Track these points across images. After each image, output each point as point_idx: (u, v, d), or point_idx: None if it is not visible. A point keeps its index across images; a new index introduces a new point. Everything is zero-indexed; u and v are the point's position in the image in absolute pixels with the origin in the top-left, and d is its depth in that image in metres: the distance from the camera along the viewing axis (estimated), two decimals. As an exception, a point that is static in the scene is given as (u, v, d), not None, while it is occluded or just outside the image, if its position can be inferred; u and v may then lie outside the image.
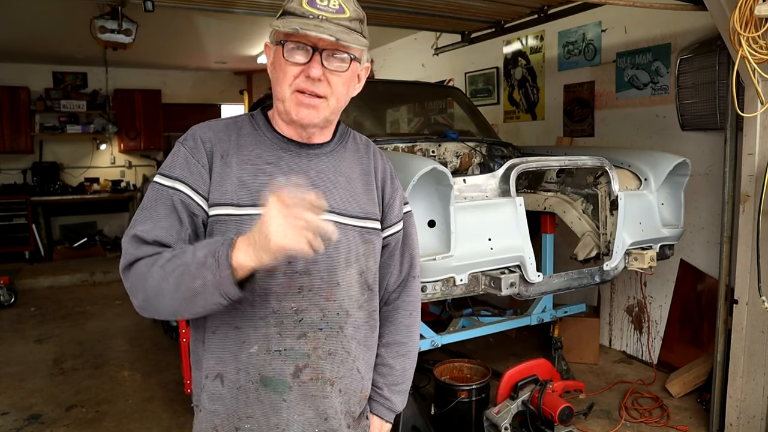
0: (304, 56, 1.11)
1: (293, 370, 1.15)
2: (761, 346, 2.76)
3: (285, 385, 1.15)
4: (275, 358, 1.14)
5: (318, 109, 1.14)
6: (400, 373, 1.36)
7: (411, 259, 1.37)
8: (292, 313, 1.14)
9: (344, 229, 1.17)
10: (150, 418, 3.30)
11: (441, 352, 3.60)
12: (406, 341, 1.37)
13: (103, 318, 5.35)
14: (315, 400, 1.17)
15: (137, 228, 1.11)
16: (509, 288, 2.53)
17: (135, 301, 1.11)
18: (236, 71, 9.12)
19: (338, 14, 1.11)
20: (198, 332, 1.19)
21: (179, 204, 1.12)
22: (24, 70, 7.78)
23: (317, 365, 1.17)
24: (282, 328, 1.13)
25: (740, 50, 2.34)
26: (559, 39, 4.58)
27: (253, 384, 1.14)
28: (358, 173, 1.26)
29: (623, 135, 4.09)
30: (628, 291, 4.13)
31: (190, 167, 1.14)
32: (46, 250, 7.73)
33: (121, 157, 8.64)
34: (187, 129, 1.23)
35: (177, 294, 1.04)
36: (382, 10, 3.90)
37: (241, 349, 1.14)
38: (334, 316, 1.18)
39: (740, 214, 2.79)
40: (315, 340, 1.16)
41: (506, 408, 2.84)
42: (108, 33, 3.88)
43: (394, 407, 1.36)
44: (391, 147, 3.33)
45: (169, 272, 1.03)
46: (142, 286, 1.07)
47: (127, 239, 1.11)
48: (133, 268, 1.09)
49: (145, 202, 1.15)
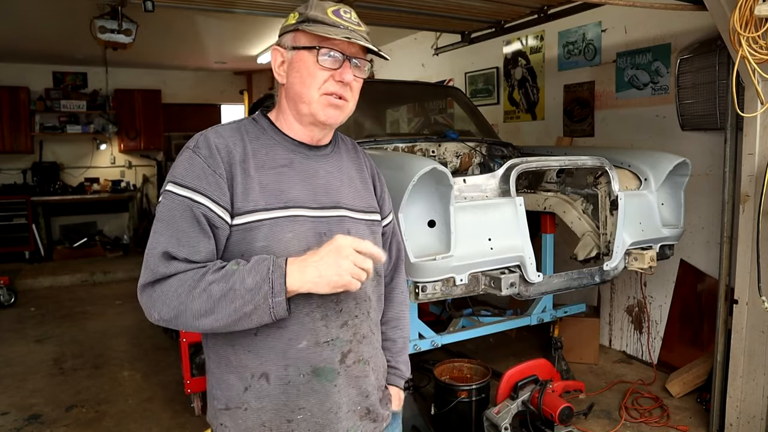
0: (334, 63, 1.19)
1: (340, 357, 1.23)
2: (761, 346, 2.76)
3: (334, 372, 1.22)
4: (324, 349, 1.21)
5: (342, 111, 1.23)
6: (402, 344, 1.50)
7: (398, 245, 1.51)
8: (333, 304, 1.21)
9: (357, 223, 1.29)
10: (150, 418, 3.30)
11: (441, 352, 3.61)
12: (401, 316, 1.51)
13: (103, 318, 5.35)
14: (358, 381, 1.27)
15: (163, 244, 1.11)
16: (509, 288, 2.53)
17: (155, 315, 1.11)
18: (236, 71, 9.12)
19: (359, 27, 1.22)
20: (228, 337, 1.19)
21: (201, 217, 1.12)
22: (24, 70, 7.78)
23: (358, 349, 1.27)
24: (327, 321, 1.21)
25: (740, 50, 2.34)
26: (559, 39, 4.57)
27: (304, 377, 1.20)
28: (355, 171, 1.36)
29: (623, 135, 4.09)
30: (628, 291, 4.13)
31: (208, 177, 1.14)
32: (46, 250, 7.73)
33: (121, 157, 8.64)
34: (187, 129, 1.26)
35: (221, 317, 1.08)
36: (382, 10, 3.90)
37: (289, 345, 1.18)
38: (364, 303, 1.28)
39: (740, 214, 2.79)
40: (354, 327, 1.26)
41: (506, 408, 2.84)
42: (108, 33, 3.88)
43: (403, 374, 1.49)
44: (391, 147, 3.33)
45: (217, 297, 1.07)
46: (176, 305, 1.09)
47: (154, 255, 1.11)
48: (161, 285, 1.10)
49: (163, 214, 1.13)
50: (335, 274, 1.07)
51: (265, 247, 1.15)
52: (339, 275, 1.07)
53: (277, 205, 1.17)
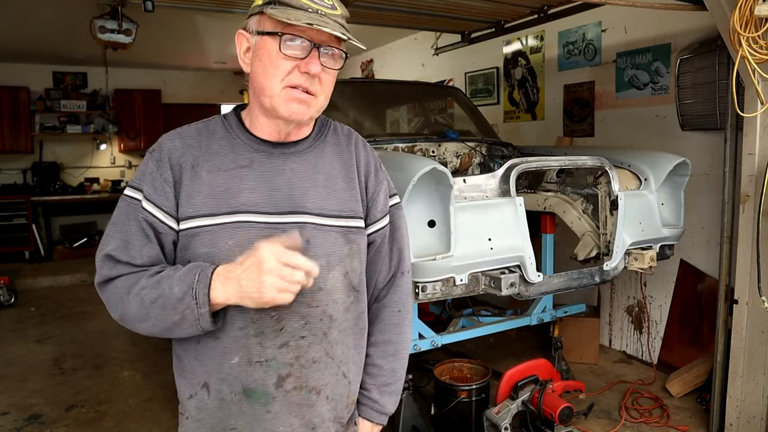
0: (301, 51, 1.06)
1: (276, 380, 1.12)
2: (761, 346, 2.76)
3: (268, 395, 1.12)
4: (257, 369, 1.11)
5: (308, 106, 1.10)
6: (389, 373, 1.30)
7: (400, 254, 1.30)
8: (273, 322, 1.10)
9: (324, 230, 1.14)
10: (150, 418, 3.30)
11: (441, 352, 3.60)
12: (394, 340, 1.30)
13: (103, 318, 5.34)
14: (301, 410, 1.14)
15: (109, 247, 1.11)
16: (509, 288, 2.53)
17: (113, 315, 1.13)
18: (236, 71, 9.11)
19: (333, 11, 1.08)
20: (180, 340, 1.17)
21: (144, 222, 1.11)
22: (24, 70, 7.77)
23: (300, 374, 1.13)
24: (263, 338, 1.10)
25: (740, 50, 2.34)
26: (559, 39, 4.57)
27: (236, 395, 1.12)
28: (339, 168, 1.20)
29: (623, 135, 4.09)
30: (628, 291, 4.13)
31: (155, 183, 1.12)
32: (46, 250, 7.72)
33: (121, 157, 8.64)
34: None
35: (155, 323, 1.08)
36: (382, 10, 3.91)
37: (223, 359, 1.11)
38: (317, 323, 1.13)
39: (740, 214, 2.79)
40: (297, 349, 1.12)
41: (506, 408, 2.84)
42: (108, 33, 3.89)
43: (384, 409, 1.30)
44: (391, 147, 3.33)
45: (148, 303, 1.06)
46: (120, 307, 1.11)
47: (100, 258, 1.12)
48: (108, 287, 1.12)
49: (116, 216, 1.14)
50: (256, 291, 0.98)
51: (207, 254, 1.08)
52: (260, 292, 0.97)
53: (222, 211, 1.09)
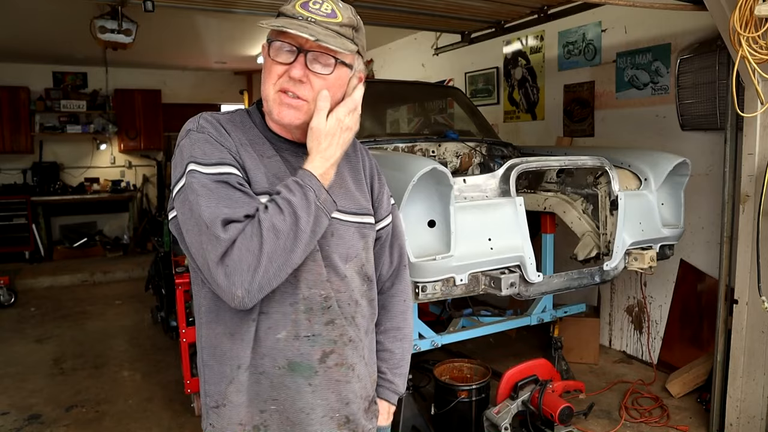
0: (289, 56, 1.12)
1: (320, 355, 1.18)
2: (761, 346, 2.76)
3: (312, 369, 1.17)
4: (303, 343, 1.16)
5: (300, 111, 1.14)
6: (400, 356, 1.42)
7: (400, 249, 1.42)
8: (321, 300, 1.17)
9: (345, 225, 1.22)
10: (150, 418, 3.30)
11: (441, 352, 3.60)
12: (402, 326, 1.42)
13: (103, 318, 5.35)
14: (338, 385, 1.21)
15: (218, 211, 1.03)
16: (509, 288, 2.53)
17: (240, 291, 1.02)
18: (236, 71, 9.12)
19: (329, 18, 1.12)
20: (220, 324, 1.17)
21: (235, 182, 1.08)
22: (24, 70, 7.78)
23: (342, 351, 1.21)
24: (311, 315, 1.16)
25: (740, 50, 2.34)
26: (559, 39, 4.57)
27: (279, 369, 1.16)
28: (348, 171, 1.29)
29: (623, 135, 4.09)
30: (628, 291, 4.13)
31: (226, 152, 1.11)
32: (46, 250, 7.73)
33: (121, 157, 8.64)
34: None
35: (303, 237, 1.05)
36: (382, 10, 3.91)
37: (267, 335, 1.15)
38: (346, 307, 1.22)
39: (740, 214, 2.79)
40: (340, 328, 1.20)
41: (506, 408, 2.84)
42: (108, 33, 3.89)
43: (397, 389, 1.42)
44: (391, 147, 3.33)
45: (287, 228, 1.03)
46: (257, 259, 1.01)
47: (216, 226, 1.02)
48: (232, 252, 1.02)
49: (198, 190, 1.06)
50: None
51: None
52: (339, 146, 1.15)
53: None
